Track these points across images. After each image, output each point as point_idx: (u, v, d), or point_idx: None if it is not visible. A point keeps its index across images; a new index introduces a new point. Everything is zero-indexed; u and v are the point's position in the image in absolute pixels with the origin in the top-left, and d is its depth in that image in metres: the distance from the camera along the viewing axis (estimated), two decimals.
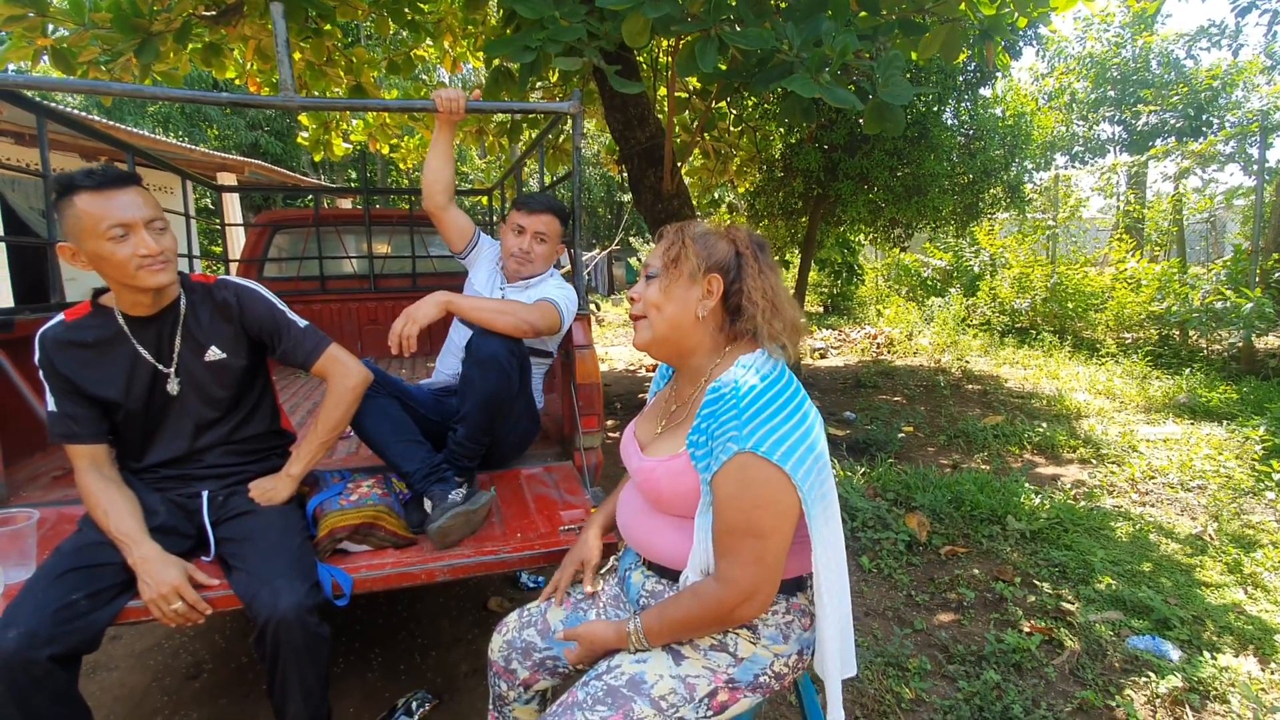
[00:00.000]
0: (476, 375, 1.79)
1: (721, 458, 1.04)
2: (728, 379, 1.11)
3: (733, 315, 1.17)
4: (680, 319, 1.17)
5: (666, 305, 1.18)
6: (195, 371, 1.54)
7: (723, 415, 1.06)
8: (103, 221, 1.32)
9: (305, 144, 6.91)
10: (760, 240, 1.22)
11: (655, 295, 1.19)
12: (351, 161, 17.67)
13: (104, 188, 1.33)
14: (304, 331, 1.63)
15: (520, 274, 2.15)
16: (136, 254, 1.35)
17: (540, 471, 2.10)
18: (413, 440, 1.80)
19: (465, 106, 1.89)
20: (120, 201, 1.34)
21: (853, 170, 5.43)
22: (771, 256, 1.22)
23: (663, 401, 1.34)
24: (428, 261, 4.59)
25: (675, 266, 1.17)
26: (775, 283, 1.18)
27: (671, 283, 1.17)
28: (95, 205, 1.32)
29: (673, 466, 1.14)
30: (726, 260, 1.16)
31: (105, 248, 1.34)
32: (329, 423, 1.62)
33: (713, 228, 1.22)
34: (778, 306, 1.17)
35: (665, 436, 1.23)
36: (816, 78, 2.97)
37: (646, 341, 1.22)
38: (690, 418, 1.17)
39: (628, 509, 1.31)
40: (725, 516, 1.05)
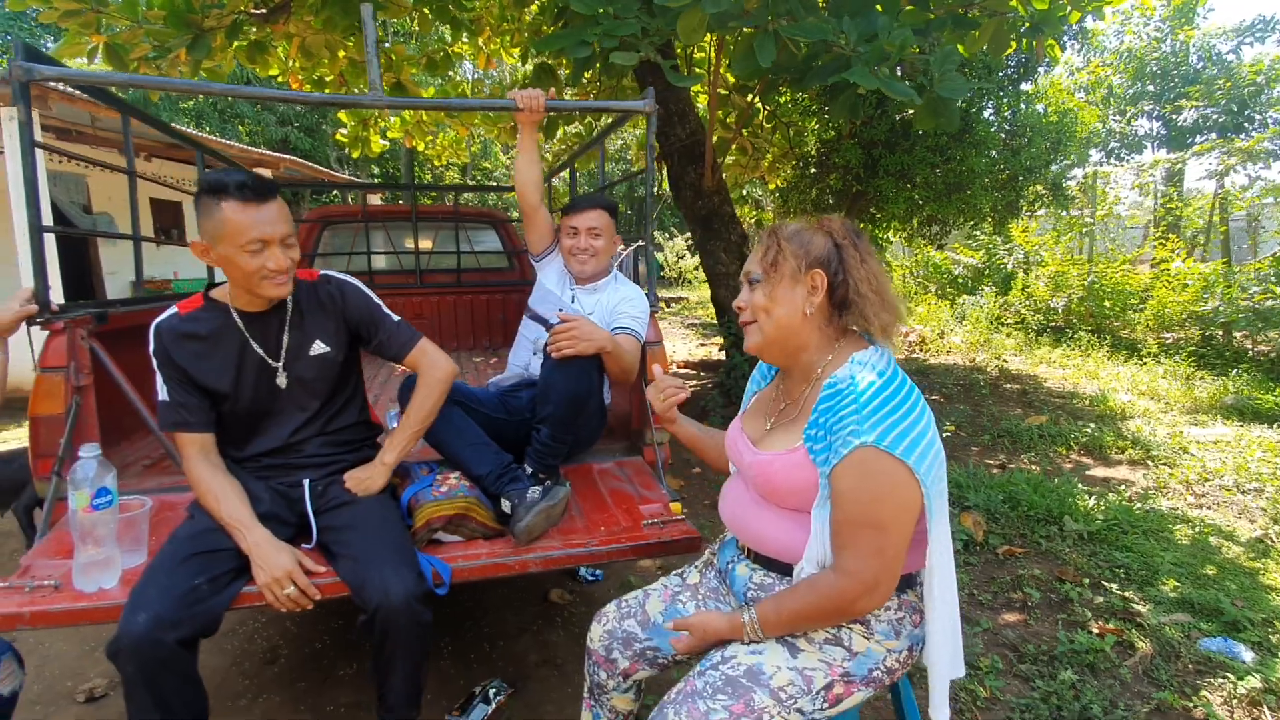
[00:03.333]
0: (559, 377, 1.81)
1: (842, 451, 1.05)
2: (844, 375, 1.13)
3: (839, 308, 1.18)
4: (788, 319, 1.18)
5: (774, 308, 1.19)
6: (300, 365, 1.58)
7: (842, 410, 1.08)
8: (246, 234, 1.37)
9: (344, 140, 6.99)
10: (856, 228, 1.22)
11: (761, 300, 1.20)
12: (375, 160, 17.83)
13: (253, 201, 1.37)
14: (398, 325, 1.67)
15: (584, 273, 2.17)
16: (266, 266, 1.41)
17: (612, 466, 2.12)
18: (479, 443, 1.82)
19: (545, 105, 1.90)
20: (264, 215, 1.38)
21: (893, 167, 5.39)
22: (869, 243, 1.23)
23: (768, 399, 1.35)
24: (472, 258, 4.64)
25: (775, 269, 1.18)
26: (877, 270, 1.19)
27: (774, 286, 1.19)
28: (242, 216, 1.37)
29: (790, 460, 1.16)
30: (825, 253, 1.17)
31: (240, 256, 1.39)
32: (421, 413, 1.66)
33: (805, 223, 1.23)
34: (884, 295, 1.18)
35: (778, 432, 1.24)
36: (875, 71, 2.96)
37: (758, 345, 1.24)
38: (805, 413, 1.18)
39: (735, 502, 1.32)
40: (845, 509, 1.06)
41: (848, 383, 1.10)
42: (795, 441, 1.16)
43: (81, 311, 1.85)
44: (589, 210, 2.15)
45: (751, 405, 1.40)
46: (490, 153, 18.61)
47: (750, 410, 1.39)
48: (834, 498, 1.08)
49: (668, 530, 1.72)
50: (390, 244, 4.55)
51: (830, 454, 1.08)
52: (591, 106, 2.09)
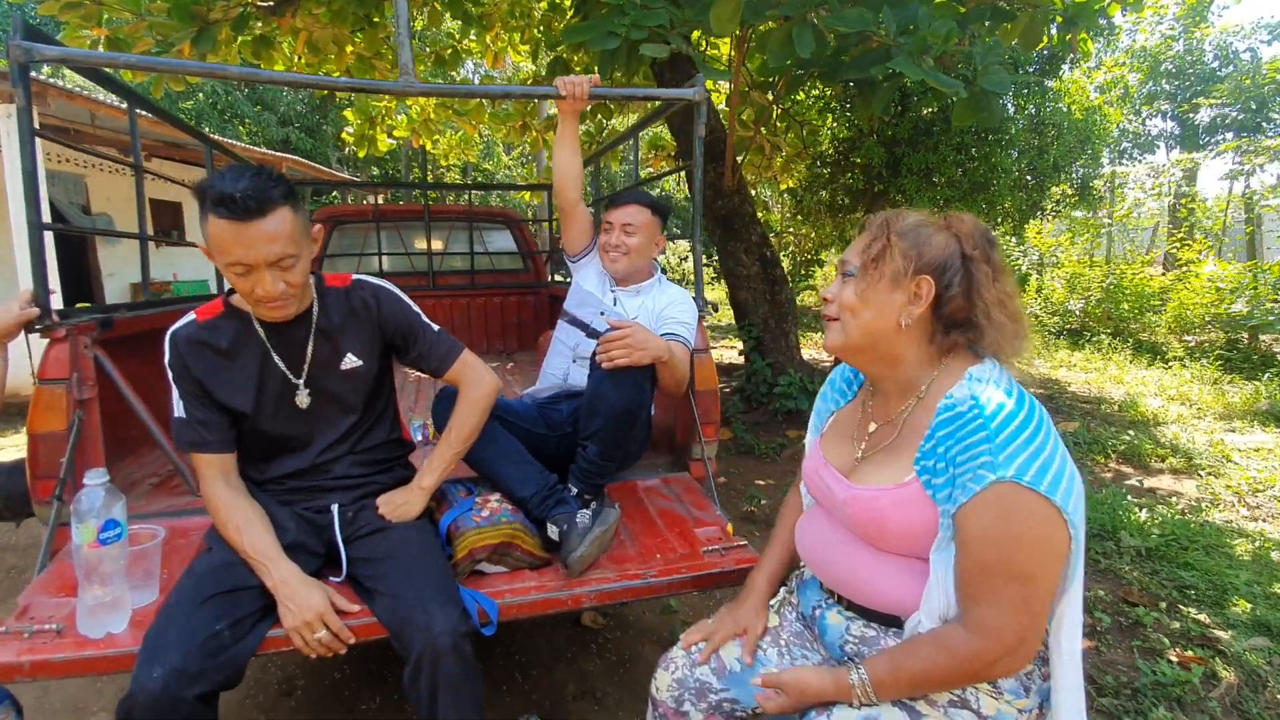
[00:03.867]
0: (609, 389, 1.64)
1: (973, 487, 0.90)
2: (963, 395, 0.97)
3: (949, 325, 1.02)
4: (878, 326, 1.03)
5: (862, 310, 1.03)
6: (329, 381, 1.42)
7: (968, 438, 0.93)
8: (225, 256, 1.20)
9: (349, 139, 6.84)
10: (989, 235, 1.05)
11: (850, 298, 1.05)
12: (376, 158, 17.67)
13: (237, 219, 1.17)
14: (438, 336, 1.52)
15: (616, 271, 2.03)
16: (254, 292, 1.25)
17: (658, 483, 1.97)
18: (522, 462, 1.66)
19: (590, 92, 1.75)
20: (250, 237, 1.18)
21: (917, 165, 5.25)
22: (1001, 253, 1.06)
23: (851, 419, 1.20)
24: (486, 259, 4.48)
25: (875, 266, 1.02)
26: (1012, 288, 1.03)
27: (870, 285, 1.03)
28: (224, 235, 1.19)
29: (902, 496, 1.00)
30: (943, 259, 1.00)
31: (229, 275, 1.24)
32: (463, 431, 1.50)
33: (928, 218, 1.06)
34: (1018, 320, 1.01)
35: (876, 461, 1.08)
36: (919, 62, 2.82)
37: (839, 345, 1.08)
38: (911, 438, 1.03)
39: (820, 542, 1.16)
40: (980, 556, 0.90)
41: (971, 405, 0.94)
42: (905, 474, 1.01)
43: (85, 317, 1.69)
44: (627, 205, 2.01)
45: (831, 427, 1.24)
46: (493, 154, 18.44)
47: (831, 433, 1.23)
48: (963, 542, 0.92)
49: (730, 558, 1.57)
50: (402, 244, 4.40)
51: (955, 490, 0.93)
52: (638, 94, 1.94)
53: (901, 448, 1.04)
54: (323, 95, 14.68)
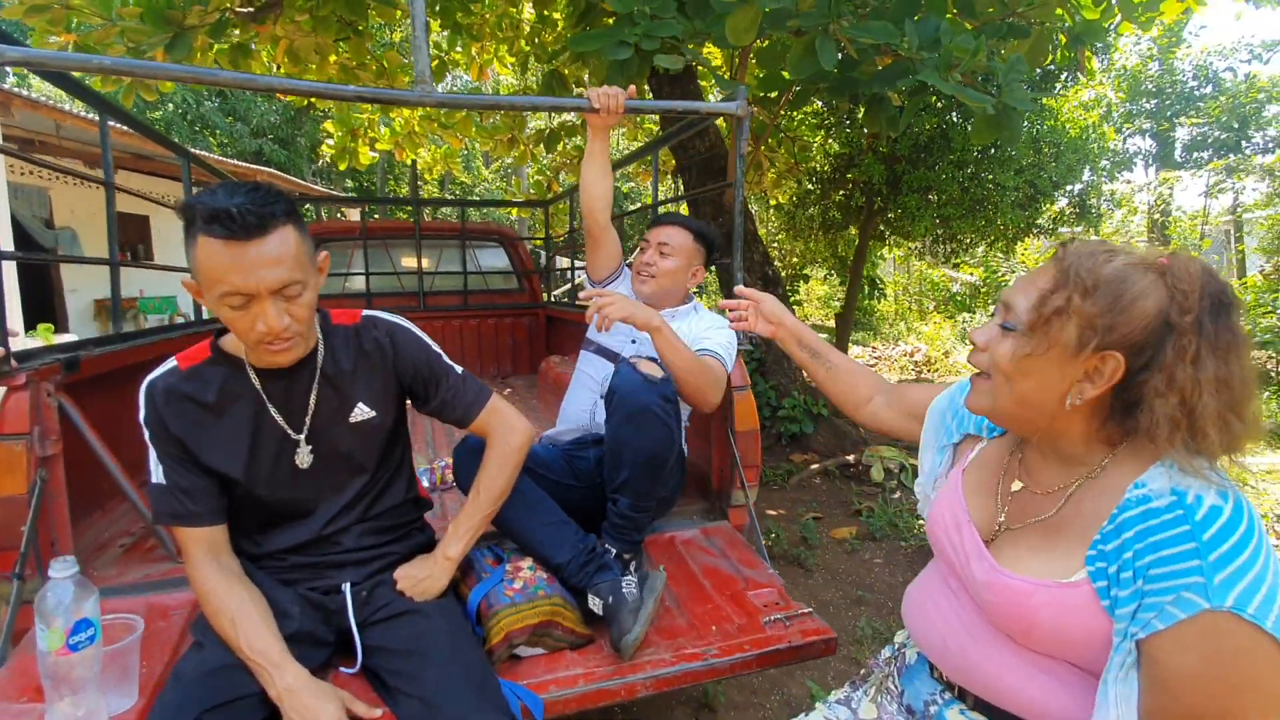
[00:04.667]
0: (631, 434, 1.47)
1: (1174, 614, 0.70)
2: (1161, 487, 0.76)
3: (1126, 409, 0.80)
4: (1036, 400, 0.83)
5: (1019, 380, 0.83)
6: (336, 436, 1.22)
7: (1166, 547, 0.72)
8: (219, 285, 1.00)
9: (330, 151, 6.60)
10: (1222, 291, 0.77)
11: (1005, 359, 0.83)
12: (350, 172, 17.32)
13: (235, 237, 0.98)
14: (463, 380, 1.32)
15: (643, 293, 1.86)
16: (255, 329, 1.03)
17: (697, 535, 1.79)
18: (557, 522, 1.48)
19: (625, 105, 1.58)
20: (250, 260, 0.99)
21: (917, 182, 5.18)
22: (1238, 318, 0.77)
23: (995, 464, 1.00)
24: (480, 278, 4.28)
25: (1047, 328, 0.80)
26: (1242, 368, 0.76)
27: (1034, 350, 0.80)
28: (219, 258, 0.98)
29: (1065, 599, 0.80)
30: (1145, 334, 0.76)
31: (223, 311, 1.03)
32: (493, 491, 1.31)
33: (1139, 261, 0.80)
34: (1238, 412, 0.75)
35: (1028, 539, 0.89)
36: (946, 77, 2.72)
37: (986, 409, 0.90)
38: (1076, 523, 0.83)
39: (941, 620, 0.98)
40: (1183, 698, 0.70)
41: (1172, 504, 0.74)
42: (1072, 570, 0.81)
43: (48, 359, 1.46)
44: (668, 225, 1.86)
45: (976, 464, 1.03)
46: (472, 167, 18.20)
47: (974, 471, 1.02)
48: (1159, 679, 0.72)
49: (795, 629, 1.39)
50: (390, 263, 4.18)
51: (1142, 610, 0.73)
52: (678, 107, 1.78)
53: (1064, 532, 0.85)
54: (299, 107, 14.34)
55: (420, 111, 6.45)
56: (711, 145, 4.82)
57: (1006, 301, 0.87)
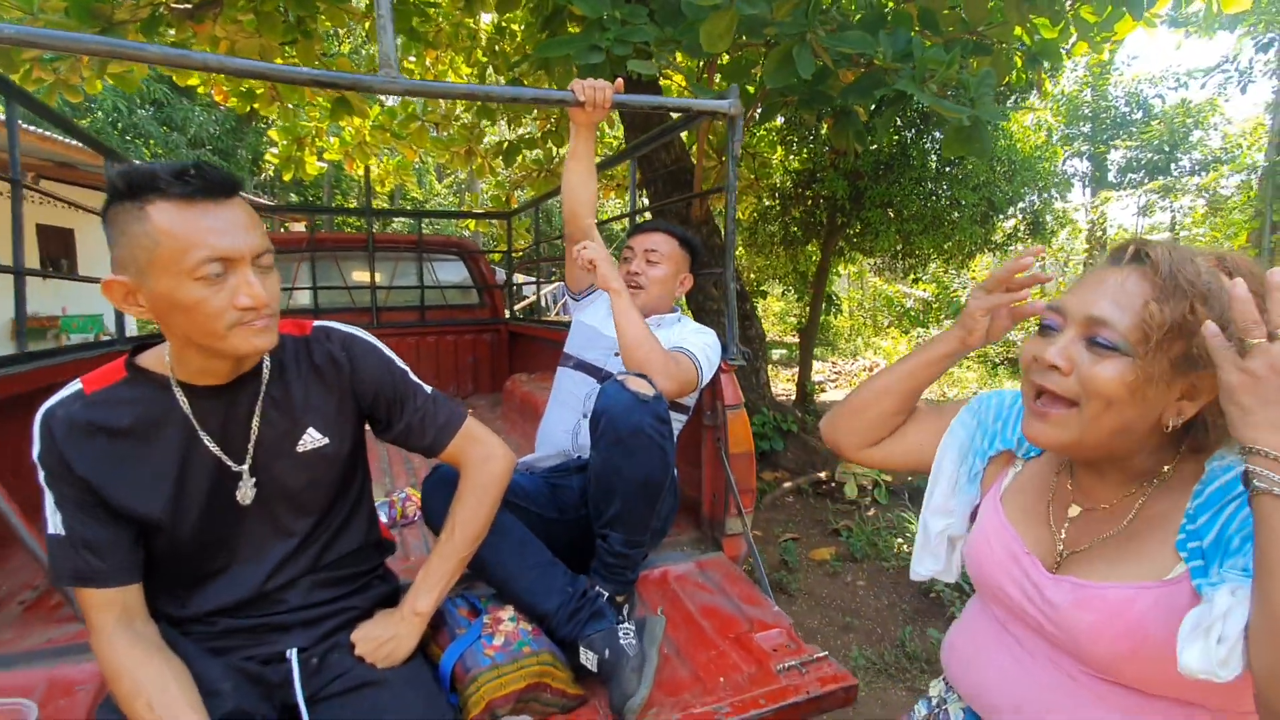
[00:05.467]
0: (622, 460, 1.31)
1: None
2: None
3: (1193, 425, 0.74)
4: (1137, 427, 0.73)
5: (1127, 406, 0.71)
6: (281, 468, 1.02)
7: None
8: (194, 251, 0.84)
9: (274, 161, 6.26)
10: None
11: (1110, 384, 0.70)
12: (295, 186, 16.71)
13: (199, 197, 0.84)
14: (432, 401, 1.14)
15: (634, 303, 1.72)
16: (235, 304, 0.87)
17: (692, 569, 1.62)
18: (544, 563, 1.30)
19: (612, 100, 1.44)
20: (223, 221, 0.86)
21: (879, 198, 5.20)
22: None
23: (1043, 487, 0.89)
24: (438, 293, 4.06)
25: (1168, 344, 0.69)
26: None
27: (1148, 373, 0.69)
28: (185, 224, 0.84)
29: (1171, 600, 0.69)
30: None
31: (191, 291, 0.84)
32: (470, 530, 1.12)
33: (1207, 256, 0.73)
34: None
35: (1106, 555, 0.78)
36: (922, 87, 2.69)
37: (1067, 444, 0.77)
38: (1152, 528, 0.74)
39: (1007, 675, 0.85)
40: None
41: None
42: (1168, 567, 0.71)
43: None
44: (653, 232, 1.72)
45: (1014, 490, 0.92)
46: (425, 181, 17.80)
47: (1014, 498, 0.91)
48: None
49: (811, 676, 1.24)
50: (340, 277, 3.92)
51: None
52: (668, 104, 1.65)
53: (1141, 539, 0.75)
54: (241, 115, 13.80)
55: (372, 120, 6.20)
56: (677, 158, 4.73)
57: (1095, 315, 0.73)
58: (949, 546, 1.04)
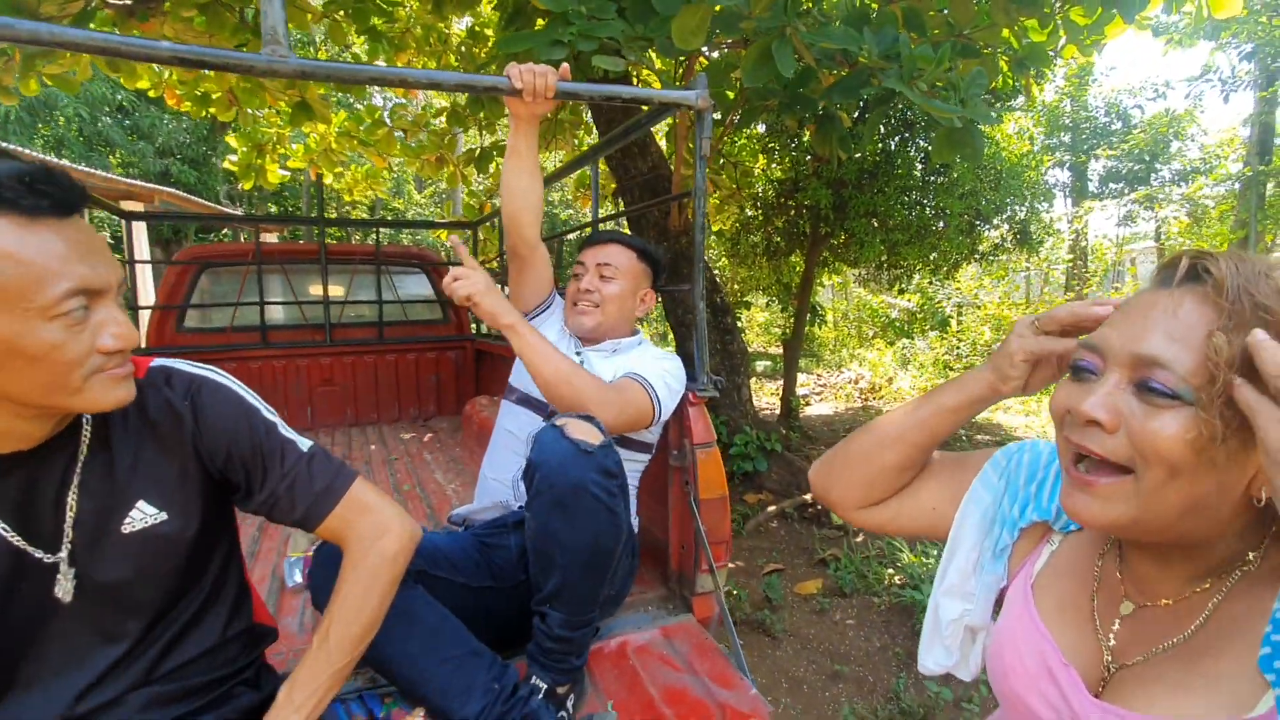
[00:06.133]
0: (561, 525, 1.08)
1: None
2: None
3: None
4: (1215, 502, 0.53)
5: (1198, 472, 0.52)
6: (101, 555, 0.78)
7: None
8: (53, 283, 0.65)
9: (234, 168, 5.98)
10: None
11: (1172, 442, 0.51)
12: (272, 196, 16.35)
13: (50, 215, 0.66)
14: (308, 460, 0.89)
15: (582, 327, 1.49)
16: (99, 347, 0.68)
17: (655, 637, 1.38)
18: (462, 655, 1.04)
19: (556, 89, 1.22)
20: (88, 244, 0.69)
21: (863, 207, 5.04)
22: None
23: (1084, 573, 0.68)
24: (397, 308, 3.80)
25: (1220, 396, 0.50)
26: None
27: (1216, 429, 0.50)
28: (38, 247, 0.64)
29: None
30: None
31: (42, 334, 0.65)
32: (350, 630, 0.87)
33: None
34: None
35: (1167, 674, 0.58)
36: (911, 85, 2.51)
37: (1124, 524, 0.56)
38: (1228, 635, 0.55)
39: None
40: None
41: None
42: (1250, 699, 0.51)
43: None
44: (607, 244, 1.50)
45: (1049, 573, 0.71)
46: (404, 191, 17.50)
47: (1048, 584, 0.70)
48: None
49: None
50: (291, 291, 3.65)
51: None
52: (624, 94, 1.43)
53: (1217, 653, 0.55)
54: (207, 125, 13.49)
55: (336, 126, 5.96)
56: (654, 165, 4.53)
57: (1142, 354, 0.54)
58: (966, 637, 0.82)
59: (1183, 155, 9.94)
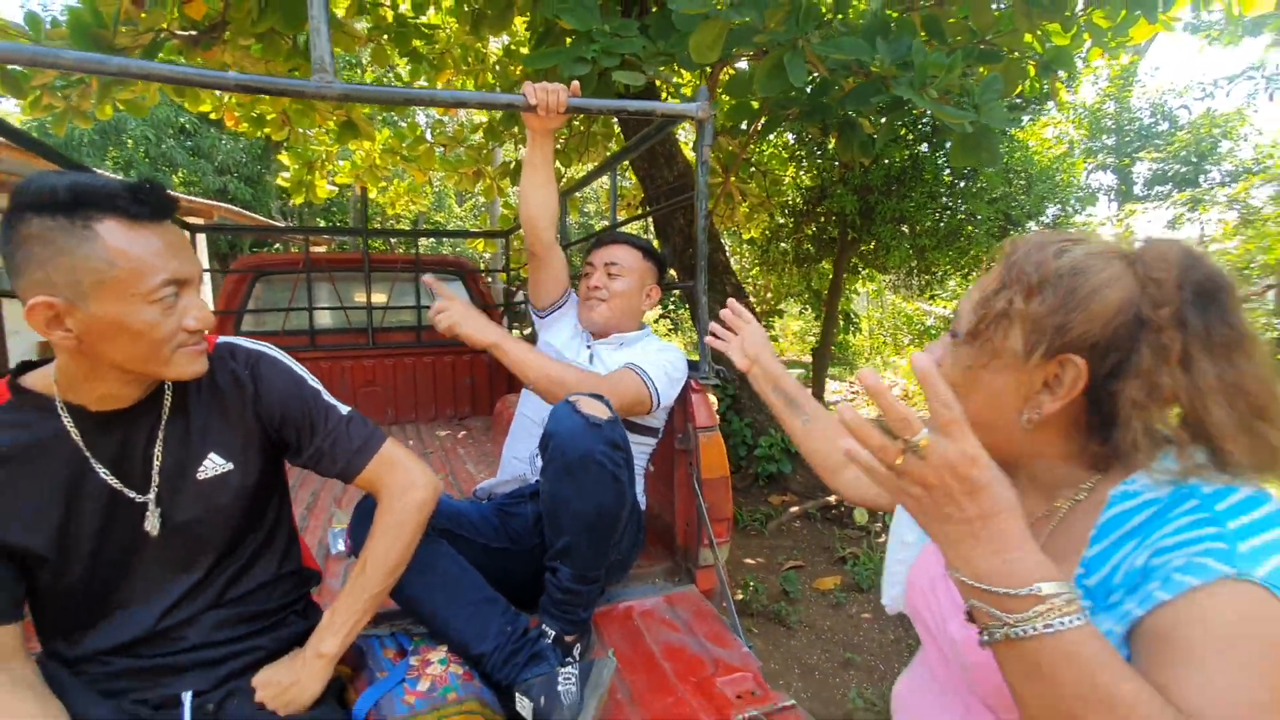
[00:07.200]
0: (570, 491, 1.21)
1: (1185, 581, 0.53)
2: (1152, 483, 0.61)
3: (1106, 423, 0.63)
4: (988, 419, 0.66)
5: (968, 393, 0.66)
6: (180, 497, 0.94)
7: (1170, 524, 0.57)
8: (153, 274, 0.83)
9: (286, 184, 6.35)
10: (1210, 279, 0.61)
11: (952, 371, 0.68)
12: (321, 210, 17.04)
13: (150, 220, 0.83)
14: (346, 423, 1.05)
15: (592, 322, 1.64)
16: (184, 326, 0.86)
17: (659, 604, 1.51)
18: (479, 600, 1.19)
19: (567, 104, 1.36)
20: (177, 241, 0.86)
21: (890, 213, 5.08)
22: (1238, 312, 0.62)
23: None
24: None
25: (990, 333, 0.65)
26: (1248, 372, 0.59)
27: (978, 362, 0.66)
28: (142, 246, 0.82)
29: None
30: (1109, 329, 0.61)
31: (144, 314, 0.82)
32: (384, 564, 1.03)
33: (1103, 249, 0.64)
34: (1265, 414, 0.59)
35: None
36: (922, 92, 2.60)
37: None
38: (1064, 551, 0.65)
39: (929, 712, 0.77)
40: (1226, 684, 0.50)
41: (1176, 494, 0.59)
42: None
43: None
44: (614, 245, 1.65)
45: None
46: (444, 204, 18.05)
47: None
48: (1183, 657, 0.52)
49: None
50: (337, 298, 3.90)
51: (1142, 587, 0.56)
52: (630, 107, 1.57)
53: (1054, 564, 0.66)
54: (262, 145, 14.16)
55: (381, 144, 6.27)
56: (680, 174, 4.67)
57: (958, 309, 0.71)
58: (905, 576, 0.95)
59: (1233, 155, 9.64)
